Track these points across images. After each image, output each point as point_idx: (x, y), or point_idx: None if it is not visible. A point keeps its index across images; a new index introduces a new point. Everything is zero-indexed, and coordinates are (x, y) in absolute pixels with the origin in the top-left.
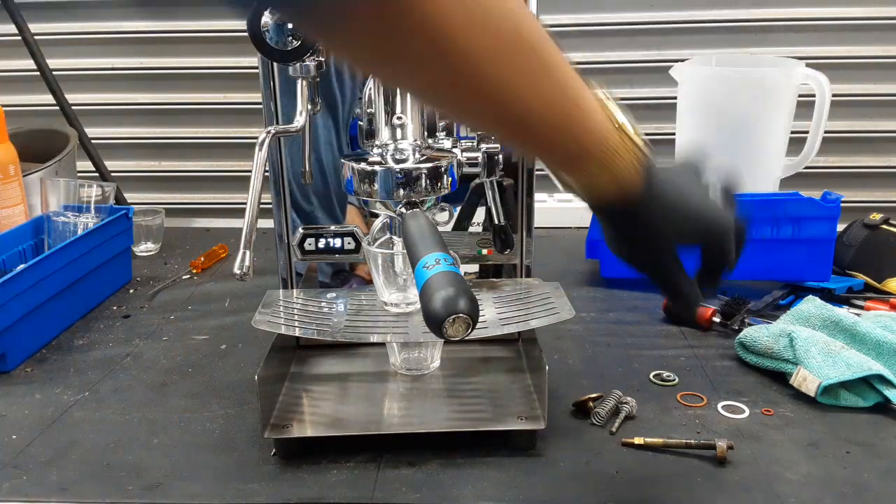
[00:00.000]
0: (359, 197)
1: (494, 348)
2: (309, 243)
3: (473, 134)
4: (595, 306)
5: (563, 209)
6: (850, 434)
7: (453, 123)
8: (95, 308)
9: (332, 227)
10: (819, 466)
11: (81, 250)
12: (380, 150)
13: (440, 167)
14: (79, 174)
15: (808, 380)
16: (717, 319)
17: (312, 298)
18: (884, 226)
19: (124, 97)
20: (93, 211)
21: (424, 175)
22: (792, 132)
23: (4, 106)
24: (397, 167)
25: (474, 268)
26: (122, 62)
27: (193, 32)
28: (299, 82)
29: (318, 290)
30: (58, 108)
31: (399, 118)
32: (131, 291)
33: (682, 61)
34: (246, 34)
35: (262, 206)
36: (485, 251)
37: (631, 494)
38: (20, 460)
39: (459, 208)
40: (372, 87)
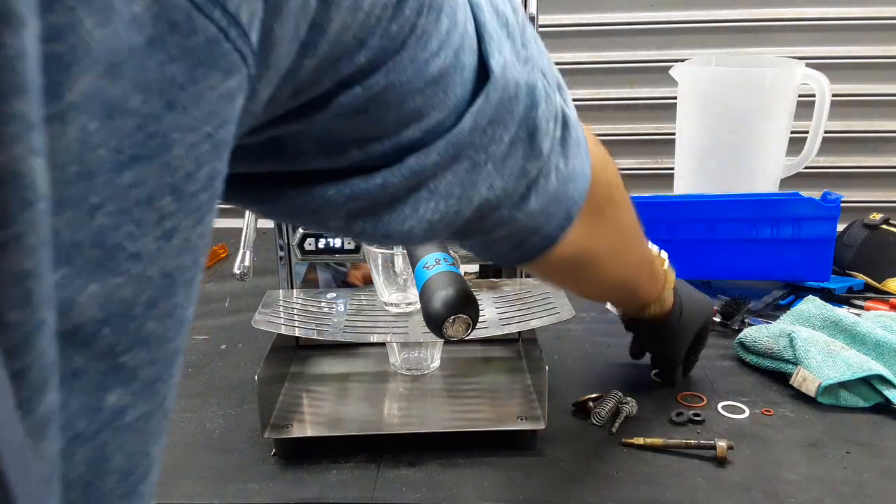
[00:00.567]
0: None
1: (494, 348)
2: (309, 243)
3: None
4: (595, 306)
5: None
6: (851, 434)
7: None
8: None
9: None
10: (819, 466)
11: None
12: None
13: None
14: None
15: (809, 380)
16: (717, 319)
17: (312, 298)
18: (884, 226)
19: None
20: None
21: None
22: (792, 132)
23: None
24: None
25: (474, 268)
26: None
27: None
28: None
29: (318, 290)
30: None
31: None
32: None
33: (682, 61)
34: None
35: None
36: None
37: (631, 494)
38: None
39: None
40: None
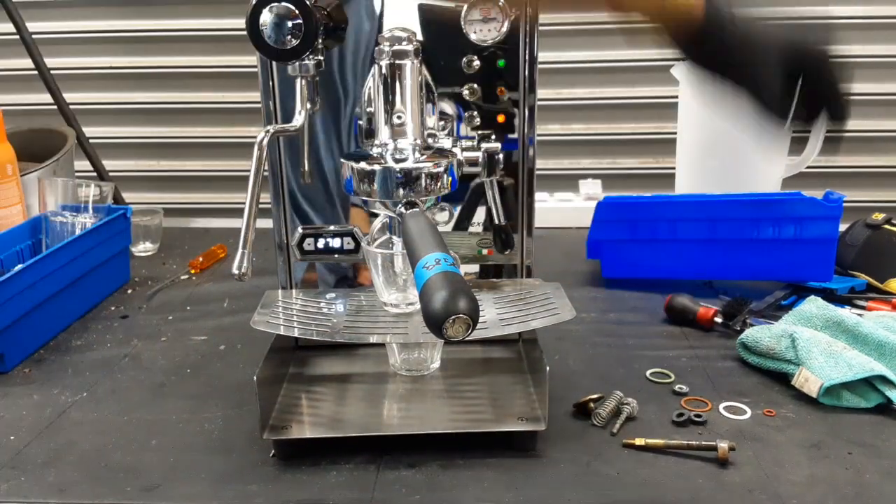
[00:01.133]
0: (358, 196)
1: (495, 349)
2: (308, 243)
3: (473, 133)
4: (596, 307)
5: (563, 209)
6: (853, 435)
7: (453, 123)
8: (93, 308)
9: (332, 227)
10: (821, 467)
11: (79, 250)
12: (379, 150)
13: (440, 167)
14: (77, 174)
15: (810, 380)
16: (719, 320)
17: (311, 299)
18: (886, 226)
19: (122, 97)
20: (91, 211)
21: (424, 175)
22: (793, 132)
23: (2, 105)
24: (397, 167)
25: (474, 268)
26: (120, 61)
27: (192, 32)
28: (298, 81)
29: (318, 291)
30: (56, 108)
31: (399, 117)
32: (129, 292)
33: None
34: (245, 33)
35: (261, 206)
36: (485, 251)
37: (632, 496)
38: (18, 461)
39: (459, 208)
40: (371, 87)
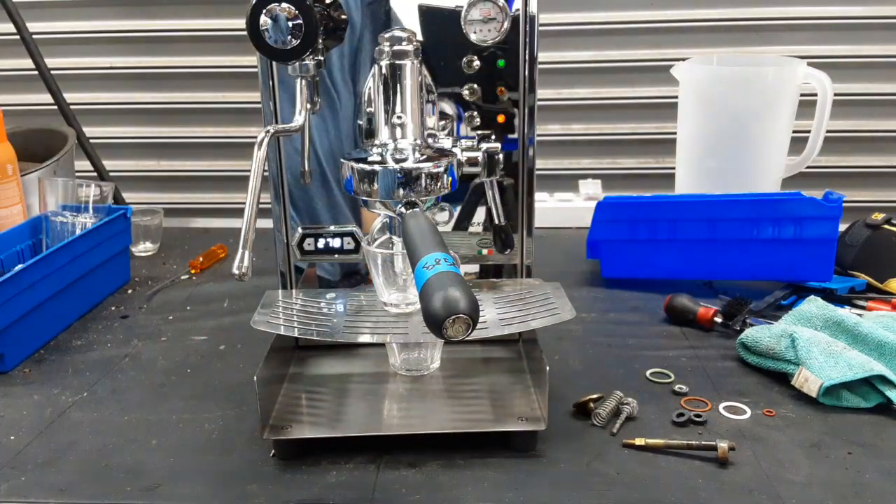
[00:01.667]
0: (358, 196)
1: (495, 349)
2: (308, 243)
3: (473, 134)
4: (596, 307)
5: (563, 209)
6: (852, 435)
7: (453, 123)
8: (94, 308)
9: (332, 227)
10: (821, 467)
11: (79, 250)
12: (379, 150)
13: (440, 167)
14: (77, 174)
15: (810, 380)
16: (719, 320)
17: (312, 299)
18: (886, 226)
19: (123, 97)
20: (91, 211)
21: (424, 175)
22: (794, 132)
23: (3, 105)
24: (397, 167)
25: (474, 268)
26: (121, 61)
27: (192, 32)
28: (298, 81)
29: (318, 291)
30: (56, 108)
31: (399, 118)
32: (130, 292)
33: (683, 60)
34: (245, 33)
35: (261, 206)
36: (485, 251)
37: (632, 496)
38: (18, 461)
39: (459, 208)
40: (372, 87)
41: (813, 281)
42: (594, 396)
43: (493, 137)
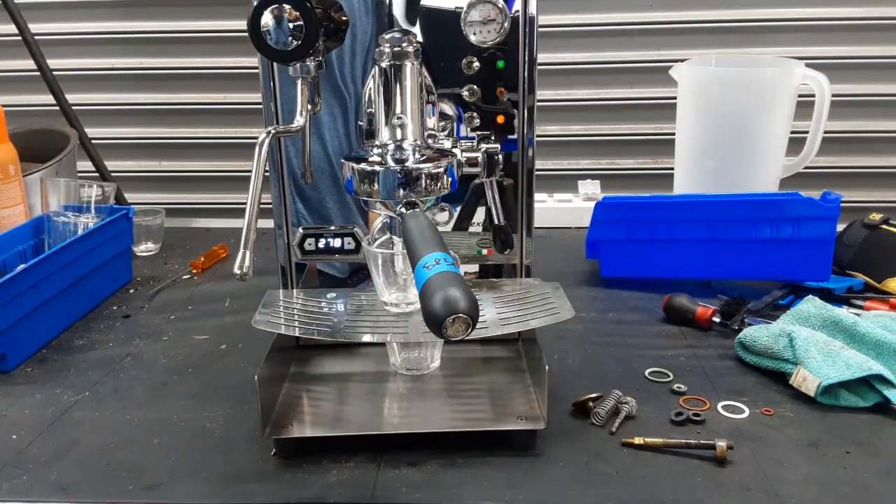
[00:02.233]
0: (359, 197)
1: (494, 348)
2: (309, 243)
3: (473, 134)
4: (595, 306)
5: (563, 209)
6: (850, 434)
7: (453, 123)
8: (95, 308)
9: (332, 227)
10: (819, 466)
11: (81, 250)
12: (380, 150)
13: (440, 167)
14: (79, 174)
15: (808, 380)
16: (717, 319)
17: (312, 298)
18: (883, 226)
19: (124, 97)
20: (93, 211)
21: (424, 175)
22: (792, 132)
23: (5, 106)
24: (397, 167)
25: (474, 268)
26: (123, 62)
27: (194, 32)
28: (299, 82)
29: (318, 290)
30: (58, 108)
31: (399, 118)
32: (131, 291)
33: (682, 61)
34: (246, 34)
35: (262, 206)
36: (485, 251)
37: (631, 494)
38: (20, 460)
39: (459, 208)
40: (372, 87)
41: (811, 281)
42: (593, 395)
43: (493, 138)
